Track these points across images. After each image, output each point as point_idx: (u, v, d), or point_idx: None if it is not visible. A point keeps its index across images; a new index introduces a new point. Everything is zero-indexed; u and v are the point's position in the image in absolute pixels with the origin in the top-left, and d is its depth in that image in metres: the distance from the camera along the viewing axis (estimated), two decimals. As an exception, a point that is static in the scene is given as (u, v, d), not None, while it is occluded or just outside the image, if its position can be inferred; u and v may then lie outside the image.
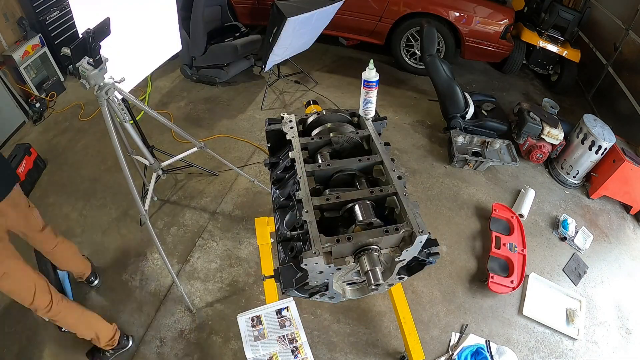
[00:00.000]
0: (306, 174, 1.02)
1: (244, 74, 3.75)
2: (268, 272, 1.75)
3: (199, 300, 2.15)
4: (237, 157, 2.98)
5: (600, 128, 2.72)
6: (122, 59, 1.73)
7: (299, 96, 3.59)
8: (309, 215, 0.92)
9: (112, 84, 1.54)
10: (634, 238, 2.66)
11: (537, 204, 2.75)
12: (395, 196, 0.98)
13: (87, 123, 3.26)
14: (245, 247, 2.39)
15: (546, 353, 2.06)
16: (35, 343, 2.00)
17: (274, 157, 1.28)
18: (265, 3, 3.83)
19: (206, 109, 3.42)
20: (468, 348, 1.99)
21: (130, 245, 2.41)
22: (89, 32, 1.35)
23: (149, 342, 2.00)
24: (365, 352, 1.99)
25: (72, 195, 2.70)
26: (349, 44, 4.26)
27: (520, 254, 2.38)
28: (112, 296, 2.18)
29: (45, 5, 3.34)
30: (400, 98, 3.62)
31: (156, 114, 1.84)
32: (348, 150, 1.14)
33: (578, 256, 2.48)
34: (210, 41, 3.38)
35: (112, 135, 1.57)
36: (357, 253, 0.91)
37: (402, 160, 2.95)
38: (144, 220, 1.77)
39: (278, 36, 2.70)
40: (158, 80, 3.73)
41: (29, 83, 3.29)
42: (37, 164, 2.82)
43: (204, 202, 2.65)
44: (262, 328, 1.44)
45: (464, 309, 2.18)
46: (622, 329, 2.19)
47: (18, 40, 3.24)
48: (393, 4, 3.54)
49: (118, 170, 1.70)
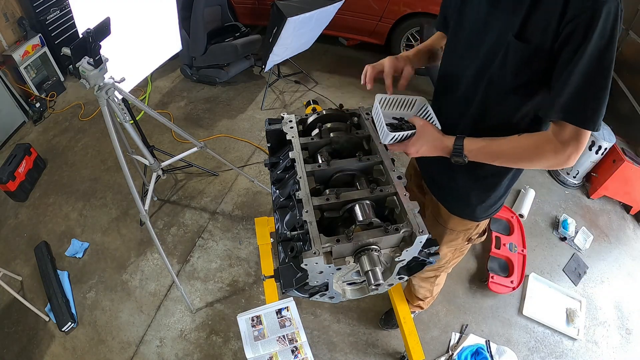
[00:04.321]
0: (306, 174, 1.01)
1: (244, 74, 3.75)
2: (268, 272, 1.75)
3: (199, 300, 2.15)
4: (237, 157, 2.98)
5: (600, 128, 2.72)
6: (122, 59, 1.73)
7: (299, 96, 3.59)
8: (309, 215, 0.92)
9: (112, 83, 1.54)
10: (634, 238, 2.66)
11: (537, 204, 2.75)
12: (395, 196, 0.98)
13: (87, 123, 3.26)
14: (245, 247, 2.39)
15: (546, 353, 2.06)
16: (35, 343, 2.00)
17: (274, 157, 1.28)
18: (265, 3, 3.83)
19: (206, 109, 3.42)
20: (468, 348, 1.99)
21: (130, 245, 2.41)
22: (89, 32, 1.35)
23: (149, 342, 2.01)
24: (365, 352, 1.99)
25: (72, 195, 2.70)
26: (349, 44, 4.26)
27: (520, 254, 2.38)
28: (112, 296, 2.18)
29: (45, 5, 3.33)
30: (400, 98, 3.61)
31: (156, 114, 1.84)
32: (348, 150, 1.14)
33: (578, 256, 2.48)
34: (211, 41, 3.38)
35: (112, 135, 1.57)
36: (357, 253, 0.91)
37: (402, 160, 2.95)
38: (144, 220, 1.77)
39: (278, 36, 2.70)
40: (158, 80, 3.73)
41: (29, 83, 3.29)
42: (37, 164, 2.82)
43: (204, 202, 2.65)
44: (262, 328, 1.44)
45: (464, 309, 2.18)
46: (622, 329, 2.19)
47: (18, 40, 3.24)
48: (393, 4, 3.54)
49: (118, 170, 1.70)
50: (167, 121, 1.94)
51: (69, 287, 2.20)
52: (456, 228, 1.27)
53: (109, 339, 2.02)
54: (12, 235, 2.49)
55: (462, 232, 1.28)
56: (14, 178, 2.56)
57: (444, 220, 1.27)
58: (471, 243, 1.35)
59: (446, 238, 1.31)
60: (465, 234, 1.29)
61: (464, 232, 1.29)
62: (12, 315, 2.10)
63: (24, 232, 2.50)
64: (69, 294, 2.16)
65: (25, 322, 2.08)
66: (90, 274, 2.28)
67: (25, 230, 2.51)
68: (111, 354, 1.97)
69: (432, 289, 1.65)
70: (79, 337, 2.03)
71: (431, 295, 1.70)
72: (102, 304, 2.15)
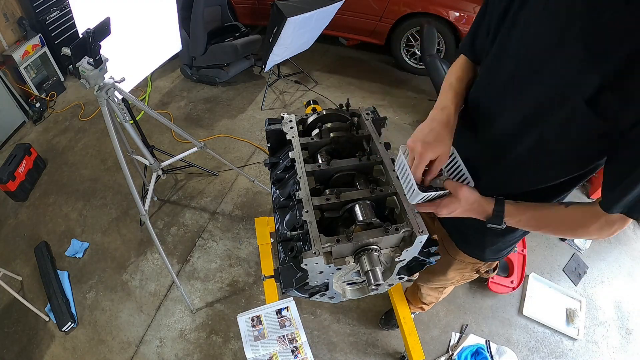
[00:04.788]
0: (306, 174, 1.01)
1: (244, 74, 3.75)
2: (268, 272, 1.75)
3: (199, 300, 2.15)
4: (237, 157, 2.97)
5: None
6: (122, 59, 1.73)
7: (299, 96, 3.59)
8: (309, 215, 0.92)
9: (112, 83, 1.54)
10: (634, 238, 2.66)
11: (537, 204, 2.75)
12: (395, 196, 0.98)
13: (87, 123, 3.26)
14: (245, 247, 2.39)
15: (546, 353, 2.06)
16: (35, 343, 2.00)
17: (274, 157, 1.28)
18: (265, 3, 3.83)
19: (206, 109, 3.42)
20: (468, 348, 1.99)
21: (130, 245, 2.41)
22: (89, 32, 1.35)
23: (149, 342, 2.01)
24: (365, 352, 1.99)
25: (72, 195, 2.70)
26: (349, 44, 4.26)
27: (520, 254, 2.38)
28: (112, 296, 2.18)
29: (45, 5, 3.34)
30: (400, 98, 3.62)
31: (156, 114, 1.84)
32: (348, 150, 1.14)
33: (578, 256, 2.48)
34: (211, 41, 3.38)
35: (112, 135, 1.57)
36: (357, 253, 0.91)
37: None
38: (144, 220, 1.77)
39: (278, 36, 2.70)
40: (158, 80, 3.73)
41: (29, 83, 3.29)
42: (37, 164, 2.82)
43: (204, 202, 2.65)
44: (262, 328, 1.44)
45: (464, 309, 2.18)
46: (622, 329, 2.19)
47: (18, 40, 3.24)
48: (393, 4, 3.54)
49: (118, 170, 1.70)
50: (167, 121, 1.94)
51: (69, 287, 2.20)
52: (465, 260, 1.22)
53: (109, 339, 2.02)
54: (12, 235, 2.49)
55: (470, 264, 1.23)
56: (14, 178, 2.56)
57: (452, 252, 1.22)
58: (480, 275, 1.29)
59: (454, 266, 1.26)
60: (474, 266, 1.24)
61: (472, 265, 1.23)
62: (12, 315, 2.10)
63: (24, 232, 2.50)
64: (69, 294, 2.16)
65: (25, 322, 2.08)
66: (90, 274, 2.28)
67: (25, 230, 2.51)
68: (111, 354, 1.97)
69: (439, 296, 1.65)
70: (79, 337, 2.03)
71: (437, 301, 1.70)
72: (102, 304, 2.15)
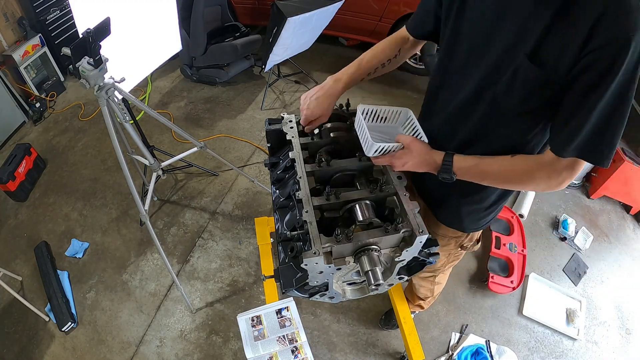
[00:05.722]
0: (306, 174, 1.01)
1: (244, 74, 3.75)
2: (268, 272, 1.75)
3: (199, 300, 2.15)
4: (237, 157, 2.97)
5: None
6: (122, 59, 1.73)
7: (299, 96, 3.58)
8: (309, 215, 0.92)
9: (112, 83, 1.54)
10: (634, 238, 2.66)
11: (537, 204, 2.75)
12: (395, 196, 0.98)
13: (87, 123, 3.26)
14: (245, 247, 2.39)
15: (546, 353, 2.06)
16: (35, 343, 2.00)
17: (274, 157, 1.28)
18: (265, 3, 3.82)
19: (206, 109, 3.42)
20: (468, 348, 1.99)
21: (130, 245, 2.41)
22: (89, 32, 1.35)
23: (149, 342, 2.01)
24: (365, 352, 1.99)
25: (72, 195, 2.70)
26: (349, 44, 4.25)
27: (520, 254, 2.38)
28: (112, 296, 2.18)
29: (45, 5, 3.33)
30: (400, 98, 3.61)
31: (156, 114, 1.84)
32: (348, 150, 1.14)
33: (578, 256, 2.48)
34: (211, 41, 3.38)
35: (112, 135, 1.57)
36: (357, 253, 0.91)
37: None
38: (144, 220, 1.77)
39: (278, 36, 2.70)
40: (158, 80, 3.73)
41: (29, 83, 3.29)
42: (37, 164, 2.82)
43: (204, 202, 2.65)
44: (262, 328, 1.44)
45: (464, 309, 2.18)
46: (622, 329, 2.19)
47: (18, 40, 3.24)
48: (393, 4, 3.54)
49: (118, 170, 1.70)
50: (167, 121, 1.94)
51: (69, 287, 2.20)
52: (446, 234, 1.24)
53: (109, 339, 2.02)
54: (12, 235, 2.49)
55: (453, 239, 1.26)
56: (14, 178, 2.56)
57: (433, 227, 1.24)
58: (465, 250, 1.32)
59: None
60: (457, 240, 1.26)
61: (455, 239, 1.26)
62: (12, 315, 2.10)
63: (24, 232, 2.50)
64: (69, 294, 2.16)
65: (25, 322, 2.08)
66: (90, 274, 2.28)
67: (25, 230, 2.51)
68: (111, 354, 1.97)
69: (432, 288, 1.64)
70: (79, 337, 2.03)
71: (432, 295, 1.69)
72: (102, 304, 2.15)
